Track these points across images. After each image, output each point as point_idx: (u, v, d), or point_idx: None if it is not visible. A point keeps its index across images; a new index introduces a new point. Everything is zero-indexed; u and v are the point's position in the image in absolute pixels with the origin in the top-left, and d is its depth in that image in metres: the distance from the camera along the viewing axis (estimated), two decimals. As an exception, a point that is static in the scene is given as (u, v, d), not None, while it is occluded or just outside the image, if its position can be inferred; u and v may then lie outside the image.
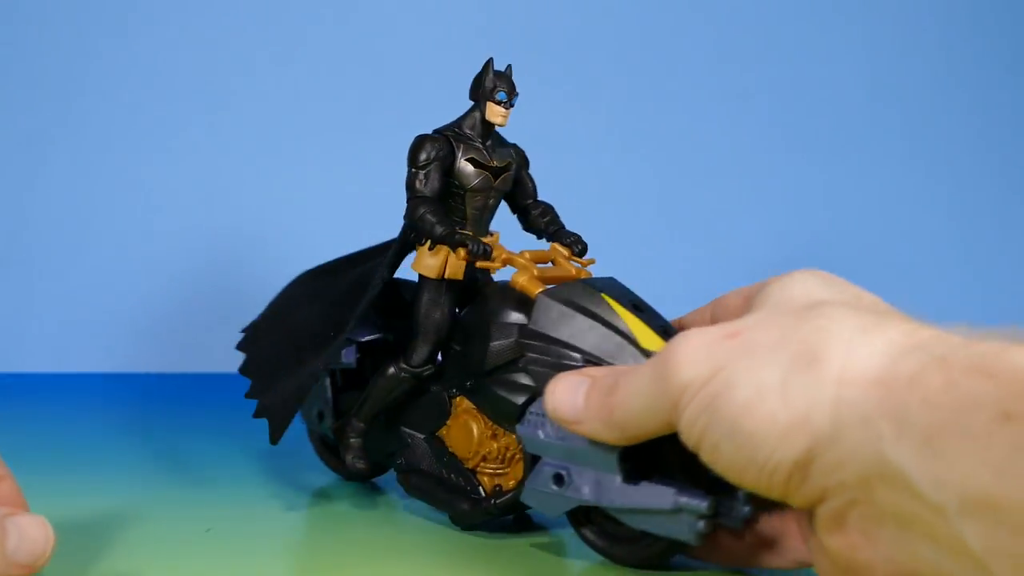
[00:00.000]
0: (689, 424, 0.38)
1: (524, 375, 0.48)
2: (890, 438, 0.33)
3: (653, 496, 0.43)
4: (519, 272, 0.49)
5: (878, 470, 0.34)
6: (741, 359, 0.37)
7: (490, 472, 0.51)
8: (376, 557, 0.48)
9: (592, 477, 0.45)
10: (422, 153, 0.50)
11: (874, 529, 0.35)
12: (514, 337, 0.49)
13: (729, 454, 0.37)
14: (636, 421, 0.41)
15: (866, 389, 0.34)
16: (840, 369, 0.35)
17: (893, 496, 0.34)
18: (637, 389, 0.40)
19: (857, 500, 0.35)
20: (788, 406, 0.35)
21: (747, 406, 0.36)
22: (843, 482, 0.35)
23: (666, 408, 0.39)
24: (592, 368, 0.44)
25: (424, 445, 0.53)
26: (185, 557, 0.47)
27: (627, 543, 0.47)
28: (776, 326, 0.38)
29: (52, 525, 0.46)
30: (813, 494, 0.36)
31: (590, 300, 0.46)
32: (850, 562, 0.37)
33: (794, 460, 0.35)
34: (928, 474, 0.32)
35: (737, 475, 0.38)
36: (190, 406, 0.76)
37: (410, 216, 0.50)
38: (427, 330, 0.51)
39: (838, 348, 0.35)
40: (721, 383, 0.37)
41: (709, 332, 0.39)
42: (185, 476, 0.60)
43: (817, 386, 0.35)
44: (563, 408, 0.43)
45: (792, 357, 0.36)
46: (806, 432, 0.35)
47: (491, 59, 0.51)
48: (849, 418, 0.34)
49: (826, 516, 0.37)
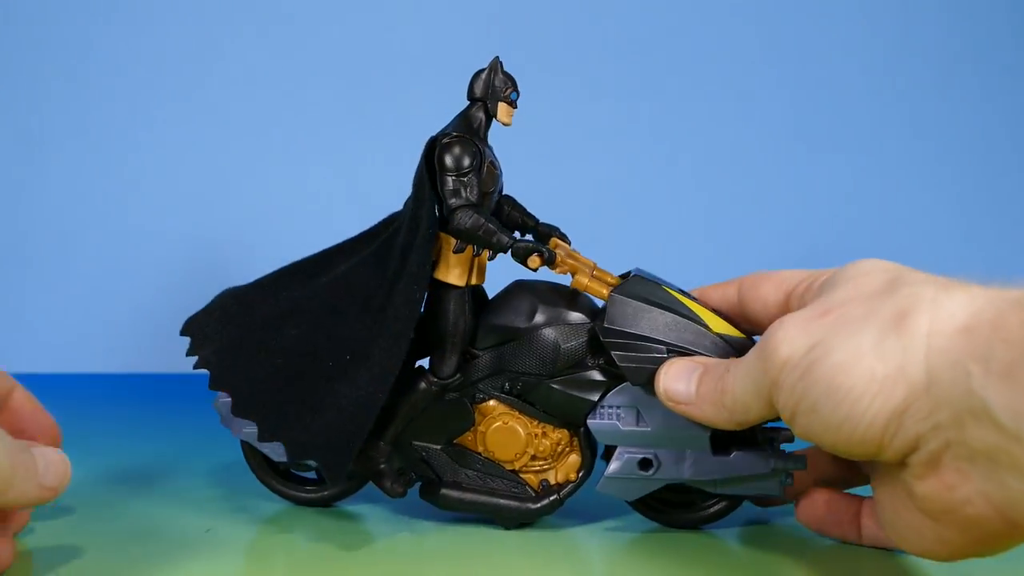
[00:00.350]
0: (788, 393, 0.41)
1: (594, 372, 0.50)
2: (977, 375, 0.36)
3: (751, 464, 0.49)
4: (580, 273, 0.50)
5: (968, 406, 0.36)
6: (837, 330, 0.40)
7: (536, 470, 0.52)
8: (376, 557, 0.48)
9: (684, 457, 0.49)
10: (466, 159, 0.48)
11: (967, 466, 0.37)
12: (584, 338, 0.50)
13: (827, 412, 0.39)
14: (743, 404, 0.44)
15: (953, 336, 0.37)
16: (929, 323, 0.38)
17: (981, 432, 0.36)
18: (744, 373, 0.44)
19: (951, 441, 0.37)
20: (884, 361, 0.38)
21: (845, 366, 0.39)
22: (938, 424, 0.37)
23: (767, 386, 0.42)
24: (703, 358, 0.48)
25: (443, 456, 0.52)
26: (185, 557, 0.47)
27: (683, 508, 0.52)
28: (863, 302, 0.41)
29: (52, 524, 0.52)
30: (906, 443, 0.38)
31: (655, 292, 0.49)
32: (947, 503, 0.38)
33: (892, 410, 0.38)
34: (1008, 405, 0.35)
35: (832, 434, 0.40)
36: (190, 406, 0.76)
37: (463, 225, 0.48)
38: (456, 340, 0.50)
39: (924, 306, 0.39)
40: (819, 352, 0.40)
41: (801, 314, 0.42)
42: (185, 476, 0.60)
43: (910, 341, 0.38)
44: (675, 389, 0.47)
45: (884, 321, 0.39)
46: (902, 383, 0.38)
47: (497, 58, 0.50)
48: (940, 364, 0.37)
49: (920, 463, 0.39)
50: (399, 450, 0.52)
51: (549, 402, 0.51)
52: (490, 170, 0.50)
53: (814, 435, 0.41)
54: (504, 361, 0.51)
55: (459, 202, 0.48)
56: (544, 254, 0.49)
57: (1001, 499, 0.37)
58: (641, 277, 0.50)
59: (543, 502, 0.51)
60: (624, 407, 0.50)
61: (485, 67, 0.50)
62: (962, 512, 0.38)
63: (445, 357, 0.50)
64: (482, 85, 0.50)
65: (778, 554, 0.49)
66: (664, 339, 0.48)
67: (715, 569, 0.47)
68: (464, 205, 0.48)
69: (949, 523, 0.39)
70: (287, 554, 0.48)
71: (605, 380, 0.50)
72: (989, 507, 0.37)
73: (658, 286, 0.50)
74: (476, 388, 0.51)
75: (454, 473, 0.52)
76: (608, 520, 0.53)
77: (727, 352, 0.48)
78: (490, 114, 0.50)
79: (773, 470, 0.49)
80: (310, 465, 0.53)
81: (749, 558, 0.49)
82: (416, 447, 0.52)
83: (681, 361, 0.47)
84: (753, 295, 0.50)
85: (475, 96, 0.50)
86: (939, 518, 0.39)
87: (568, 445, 0.52)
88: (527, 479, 0.52)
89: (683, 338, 0.48)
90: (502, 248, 0.48)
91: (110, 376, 0.90)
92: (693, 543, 0.50)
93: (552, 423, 0.51)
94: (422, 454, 0.52)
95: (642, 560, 0.49)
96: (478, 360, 0.51)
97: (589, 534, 0.52)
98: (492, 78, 0.50)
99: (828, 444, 0.41)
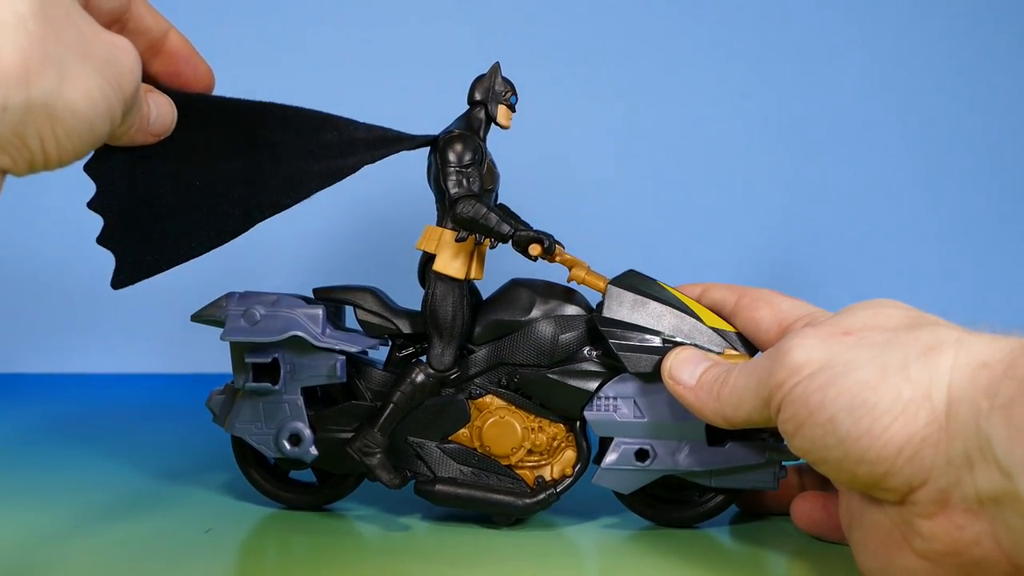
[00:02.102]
0: (800, 403, 0.40)
1: (591, 363, 0.51)
2: (985, 411, 0.36)
3: (746, 455, 0.50)
4: (577, 267, 0.51)
5: (977, 444, 0.36)
6: (861, 349, 0.40)
7: (531, 465, 0.52)
8: (371, 555, 0.48)
9: (680, 448, 0.50)
10: (468, 153, 0.50)
11: (976, 506, 0.37)
12: (582, 328, 0.51)
13: (846, 427, 0.39)
14: (737, 398, 0.44)
15: (974, 372, 0.38)
16: (953, 358, 0.39)
17: (987, 471, 0.36)
18: (751, 370, 0.44)
19: (961, 479, 0.37)
20: (912, 383, 0.38)
21: (872, 383, 0.39)
22: (950, 459, 0.37)
23: (769, 387, 0.42)
24: (716, 356, 0.49)
25: (438, 451, 0.52)
26: (185, 557, 0.47)
27: (675, 506, 0.53)
28: (885, 332, 0.41)
29: (53, 524, 0.52)
30: (917, 474, 0.38)
31: (651, 286, 0.51)
32: (955, 543, 0.38)
33: (911, 433, 0.38)
34: (1005, 440, 0.35)
35: (843, 449, 0.39)
36: (189, 406, 0.76)
37: (466, 214, 0.49)
38: (454, 333, 0.51)
39: (950, 344, 0.39)
40: (841, 366, 0.40)
41: (820, 329, 0.42)
42: (185, 476, 0.60)
43: (936, 371, 0.38)
44: (680, 372, 0.47)
45: (910, 350, 0.39)
46: (926, 408, 0.38)
47: (498, 63, 0.52)
48: (959, 398, 0.38)
49: (929, 500, 0.38)
50: (393, 446, 0.52)
51: (546, 394, 0.51)
52: (490, 169, 0.51)
53: (821, 448, 0.40)
54: (501, 354, 0.52)
55: (461, 192, 0.50)
56: (544, 242, 0.50)
57: (1009, 542, 0.37)
58: (636, 272, 0.52)
59: (538, 497, 0.52)
60: (621, 398, 0.51)
61: (485, 72, 0.52)
62: (968, 554, 0.38)
63: (443, 349, 0.51)
64: (483, 89, 0.52)
65: (772, 551, 0.49)
66: (660, 329, 0.50)
67: (711, 566, 0.47)
68: (466, 195, 0.50)
69: (951, 567, 0.39)
70: (287, 554, 0.48)
71: (602, 371, 0.51)
72: (997, 549, 0.37)
73: (653, 281, 0.51)
74: (473, 383, 0.52)
75: (449, 469, 0.52)
76: (603, 517, 0.53)
77: (720, 344, 0.50)
78: (490, 116, 0.52)
79: (768, 460, 0.50)
80: (304, 462, 0.53)
81: (744, 555, 0.49)
82: (411, 443, 0.52)
83: (694, 349, 0.48)
84: (749, 314, 0.50)
85: (475, 99, 0.52)
86: (941, 560, 0.39)
87: (564, 440, 0.52)
88: (523, 475, 0.52)
89: (679, 329, 0.50)
90: (503, 236, 0.50)
91: (110, 376, 0.90)
92: (688, 541, 0.50)
93: (549, 417, 0.52)
94: (417, 450, 0.52)
95: (637, 557, 0.49)
96: (475, 355, 0.52)
97: (584, 531, 0.52)
98: (492, 82, 0.52)
99: (833, 460, 0.40)
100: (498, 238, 0.50)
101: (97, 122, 0.38)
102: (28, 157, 0.37)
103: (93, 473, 0.60)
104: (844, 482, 0.42)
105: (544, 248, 0.50)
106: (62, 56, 0.36)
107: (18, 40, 0.34)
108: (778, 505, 0.53)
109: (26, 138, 0.36)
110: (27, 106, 0.35)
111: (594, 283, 0.51)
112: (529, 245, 0.50)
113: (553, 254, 0.51)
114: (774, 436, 0.50)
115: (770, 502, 0.54)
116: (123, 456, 0.64)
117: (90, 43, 0.37)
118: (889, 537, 0.40)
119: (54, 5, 0.36)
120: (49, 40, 0.35)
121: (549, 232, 0.52)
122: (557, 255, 0.51)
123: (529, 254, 0.50)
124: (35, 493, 0.57)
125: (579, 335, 0.51)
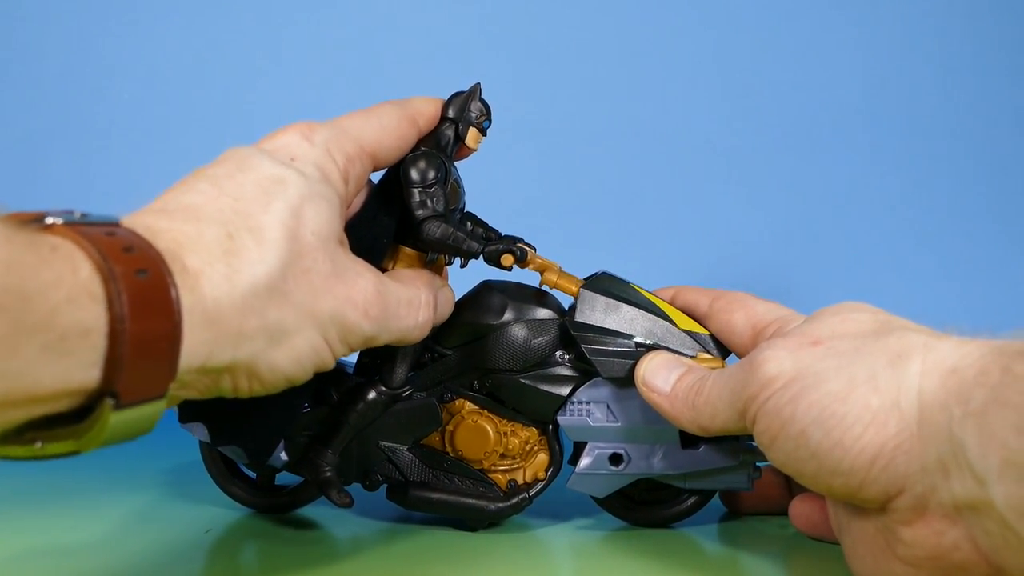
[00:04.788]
0: (773, 416, 0.40)
1: (563, 367, 0.51)
2: (958, 418, 0.36)
3: (720, 457, 0.50)
4: (548, 271, 0.51)
5: (951, 450, 0.37)
6: (829, 360, 0.40)
7: (504, 469, 0.52)
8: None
9: (653, 451, 0.50)
10: (431, 172, 0.48)
11: (953, 512, 0.37)
12: (554, 333, 0.51)
13: (817, 439, 0.39)
14: (712, 408, 0.44)
15: (944, 378, 0.38)
16: (921, 364, 0.39)
17: (961, 478, 0.36)
18: (725, 380, 0.44)
19: (936, 486, 0.37)
20: (879, 393, 0.38)
21: (840, 394, 0.39)
22: (925, 467, 0.37)
23: (744, 399, 0.42)
24: (690, 360, 0.48)
25: (409, 456, 0.52)
26: (185, 557, 0.47)
27: (650, 506, 0.53)
28: (853, 339, 0.41)
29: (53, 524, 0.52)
30: (892, 482, 0.38)
31: (624, 289, 0.51)
32: (935, 548, 0.38)
33: (882, 442, 0.38)
34: (978, 447, 0.35)
35: (816, 462, 0.39)
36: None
37: (434, 235, 0.48)
38: (407, 350, 0.50)
39: (917, 349, 0.39)
40: (811, 378, 0.40)
41: (789, 339, 0.42)
42: (185, 476, 0.60)
43: (904, 379, 0.39)
44: (654, 379, 0.47)
45: (877, 358, 0.39)
46: (895, 416, 0.38)
47: (479, 84, 0.51)
48: (930, 404, 0.38)
49: (907, 507, 0.38)
50: (365, 450, 0.52)
51: (519, 398, 0.51)
52: (454, 188, 0.50)
53: (796, 461, 0.40)
54: (473, 358, 0.51)
55: (426, 213, 0.48)
56: (515, 253, 0.50)
57: (987, 546, 0.37)
58: (609, 275, 0.51)
59: (511, 501, 0.51)
60: (594, 402, 0.51)
61: (465, 90, 0.51)
62: (949, 559, 0.38)
63: (395, 367, 0.50)
64: (457, 107, 0.50)
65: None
66: (633, 333, 0.50)
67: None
68: (432, 216, 0.48)
69: (934, 571, 0.39)
70: (287, 553, 0.49)
71: (575, 375, 0.51)
72: (977, 553, 0.37)
73: (626, 284, 0.51)
74: (445, 387, 0.52)
75: (421, 473, 0.52)
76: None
77: (693, 347, 0.49)
78: (459, 136, 0.50)
79: (741, 462, 0.50)
80: (275, 467, 0.52)
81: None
82: (383, 447, 0.52)
83: (667, 355, 0.48)
84: (723, 317, 0.50)
85: (448, 116, 0.50)
86: (924, 565, 0.39)
87: (537, 444, 0.52)
88: (495, 479, 0.52)
89: (651, 332, 0.50)
90: (473, 254, 0.49)
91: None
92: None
93: (521, 421, 0.52)
94: (388, 454, 0.52)
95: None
96: (447, 359, 0.51)
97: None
98: (469, 102, 0.50)
99: (809, 473, 0.40)
100: (468, 257, 0.50)
101: (298, 378, 0.39)
102: (213, 392, 0.38)
103: (91, 473, 0.60)
104: (824, 492, 0.42)
105: (516, 258, 0.50)
106: (281, 320, 0.37)
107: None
108: (765, 504, 0.53)
109: (219, 383, 0.37)
110: (230, 365, 0.36)
111: (566, 287, 0.51)
112: (500, 258, 0.50)
113: (526, 261, 0.50)
114: (748, 437, 0.49)
115: (756, 501, 0.54)
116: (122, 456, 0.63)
117: (319, 299, 0.38)
118: (875, 543, 0.41)
119: (296, 261, 0.37)
120: (273, 304, 0.36)
121: (519, 236, 0.51)
122: (529, 262, 0.50)
123: (502, 266, 0.50)
124: (35, 492, 0.58)
125: (551, 339, 0.51)
